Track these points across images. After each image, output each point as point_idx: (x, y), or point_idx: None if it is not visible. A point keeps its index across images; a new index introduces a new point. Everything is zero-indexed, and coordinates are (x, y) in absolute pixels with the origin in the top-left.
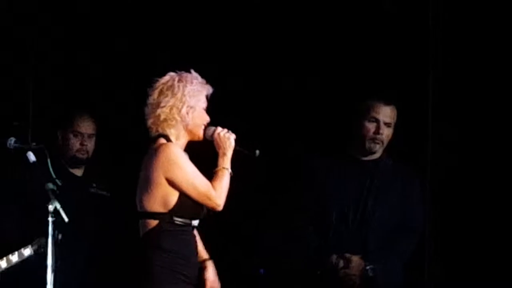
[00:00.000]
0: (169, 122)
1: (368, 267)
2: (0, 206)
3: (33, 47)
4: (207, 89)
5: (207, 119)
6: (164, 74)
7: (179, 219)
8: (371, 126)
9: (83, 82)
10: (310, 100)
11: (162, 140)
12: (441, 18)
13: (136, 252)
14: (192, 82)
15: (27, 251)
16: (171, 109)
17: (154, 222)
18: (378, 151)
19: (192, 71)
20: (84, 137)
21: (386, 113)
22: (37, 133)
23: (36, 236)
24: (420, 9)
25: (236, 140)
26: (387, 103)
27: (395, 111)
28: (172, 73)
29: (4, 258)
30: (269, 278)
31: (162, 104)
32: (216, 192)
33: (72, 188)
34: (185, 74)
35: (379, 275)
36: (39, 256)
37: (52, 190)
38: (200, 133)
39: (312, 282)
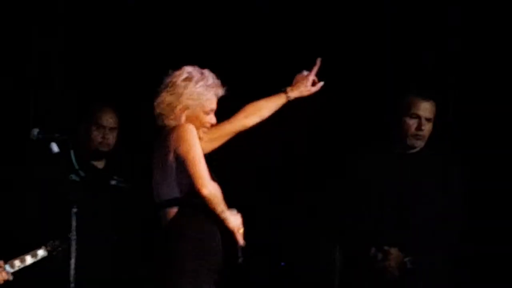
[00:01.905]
0: (163, 117)
1: (406, 259)
2: (22, 196)
3: (57, 37)
4: (216, 92)
5: (209, 121)
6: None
7: (198, 200)
8: (412, 122)
9: (105, 74)
10: (350, 98)
11: (170, 128)
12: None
13: (160, 243)
14: (196, 84)
15: (40, 252)
16: (167, 105)
17: (174, 210)
18: (420, 146)
19: (207, 70)
20: (106, 130)
21: (426, 109)
22: (59, 125)
23: (57, 230)
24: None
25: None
26: (427, 98)
27: (434, 105)
28: (187, 68)
29: (19, 258)
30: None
31: (160, 99)
32: (212, 181)
33: (93, 180)
34: (195, 73)
35: (418, 267)
36: (53, 258)
37: (75, 181)
38: (200, 135)
39: (351, 274)
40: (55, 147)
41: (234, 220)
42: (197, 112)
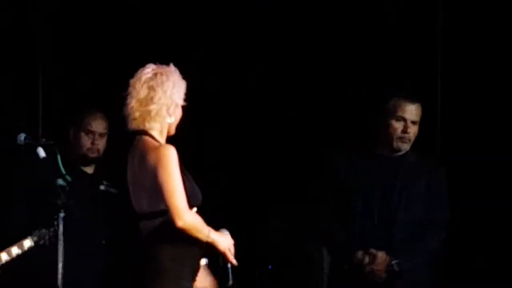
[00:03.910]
0: (158, 118)
1: (393, 262)
2: (8, 201)
3: (45, 42)
4: (185, 84)
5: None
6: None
7: None
8: (398, 125)
9: (95, 79)
10: (338, 99)
11: (149, 139)
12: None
13: (144, 249)
14: (177, 79)
15: (27, 243)
16: (161, 106)
17: (157, 221)
18: (406, 149)
19: (172, 65)
20: (95, 135)
21: (412, 112)
22: (47, 129)
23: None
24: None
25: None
26: (413, 101)
27: (420, 109)
28: (153, 66)
29: (5, 250)
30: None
31: (154, 100)
32: (190, 211)
33: (83, 185)
34: (167, 69)
35: (405, 270)
36: (40, 247)
37: (62, 186)
38: (174, 129)
39: (338, 277)
40: (41, 152)
41: (223, 241)
42: (179, 106)
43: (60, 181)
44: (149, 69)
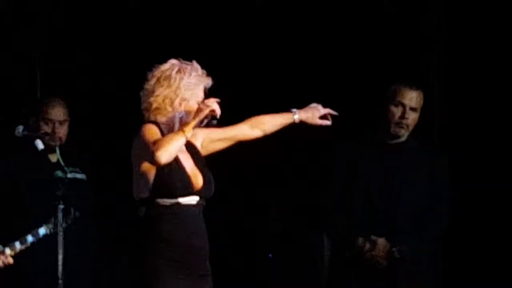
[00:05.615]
0: (160, 111)
1: (394, 249)
2: (7, 193)
3: (44, 38)
4: (206, 82)
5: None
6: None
7: (163, 200)
8: (396, 111)
9: (93, 73)
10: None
11: None
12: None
13: (133, 242)
14: (190, 75)
15: (42, 231)
16: (164, 99)
17: (142, 209)
18: (404, 135)
19: (194, 62)
20: (55, 124)
21: (411, 98)
22: None
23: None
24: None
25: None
26: (413, 87)
27: (421, 96)
28: (173, 61)
29: (19, 240)
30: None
31: (156, 93)
32: (159, 141)
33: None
34: (185, 65)
35: (406, 256)
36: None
37: (60, 178)
38: (190, 127)
39: (340, 264)
40: (40, 144)
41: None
42: (192, 103)
43: (59, 173)
44: (167, 64)
